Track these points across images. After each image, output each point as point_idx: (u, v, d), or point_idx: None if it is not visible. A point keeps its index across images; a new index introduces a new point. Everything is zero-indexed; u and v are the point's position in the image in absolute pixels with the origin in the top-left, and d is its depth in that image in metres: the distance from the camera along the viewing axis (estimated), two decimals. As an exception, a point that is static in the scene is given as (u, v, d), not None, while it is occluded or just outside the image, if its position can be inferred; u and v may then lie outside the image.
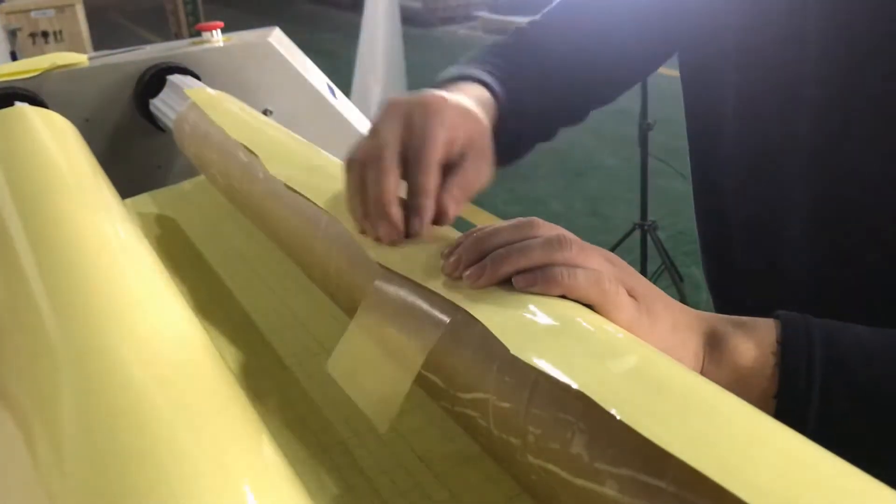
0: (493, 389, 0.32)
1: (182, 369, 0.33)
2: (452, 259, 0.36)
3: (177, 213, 0.72)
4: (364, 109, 1.05)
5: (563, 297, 0.33)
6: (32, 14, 4.02)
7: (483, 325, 0.32)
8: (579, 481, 0.27)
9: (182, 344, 0.35)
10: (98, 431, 0.28)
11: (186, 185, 0.79)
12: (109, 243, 0.46)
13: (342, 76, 3.30)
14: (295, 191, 0.51)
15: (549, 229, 0.36)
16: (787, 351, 0.33)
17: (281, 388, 0.45)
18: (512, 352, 0.29)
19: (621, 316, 0.33)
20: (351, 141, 1.02)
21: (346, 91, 1.04)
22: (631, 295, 0.34)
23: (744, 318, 0.36)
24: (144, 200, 0.75)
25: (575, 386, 0.27)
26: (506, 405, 0.31)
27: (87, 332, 0.34)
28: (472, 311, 0.33)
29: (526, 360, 0.29)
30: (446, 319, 0.34)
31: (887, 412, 0.33)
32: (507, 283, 0.34)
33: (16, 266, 0.43)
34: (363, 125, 1.01)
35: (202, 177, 0.78)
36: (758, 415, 0.26)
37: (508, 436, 0.31)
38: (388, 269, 0.39)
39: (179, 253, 0.64)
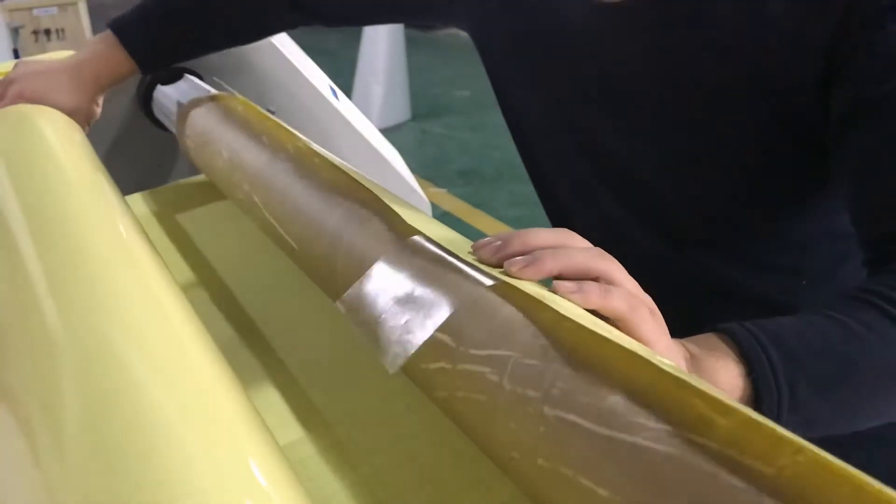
0: (521, 348, 0.32)
1: (183, 367, 0.33)
2: (494, 245, 0.37)
3: (176, 212, 0.72)
4: (365, 111, 1.06)
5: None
6: (35, 11, 4.03)
7: (523, 293, 0.33)
8: (604, 430, 0.28)
9: (183, 342, 0.36)
10: (99, 428, 0.28)
11: (186, 183, 0.80)
12: (112, 240, 0.46)
13: (344, 77, 3.31)
14: (327, 162, 0.52)
15: (585, 241, 0.38)
16: (752, 360, 0.37)
17: (278, 387, 0.45)
18: (561, 312, 0.31)
19: (646, 329, 0.35)
20: (352, 143, 1.02)
21: (348, 92, 1.04)
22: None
23: (696, 339, 0.39)
24: (145, 198, 0.76)
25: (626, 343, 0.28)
26: (532, 362, 0.31)
27: (89, 329, 0.35)
28: (514, 284, 0.34)
29: (569, 321, 0.30)
30: (488, 282, 0.35)
31: (835, 385, 0.39)
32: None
33: (19, 263, 0.43)
34: (365, 127, 1.01)
35: (202, 176, 0.78)
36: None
37: (525, 389, 0.31)
38: (422, 234, 0.40)
39: (178, 251, 0.64)
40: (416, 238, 0.40)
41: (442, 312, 0.35)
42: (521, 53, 0.63)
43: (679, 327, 0.39)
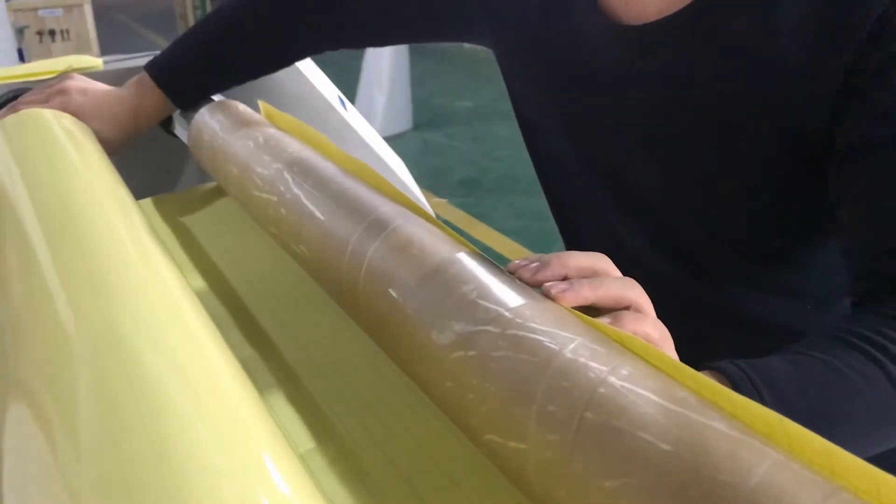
0: (589, 337, 0.34)
1: (200, 368, 0.33)
2: (532, 266, 0.39)
3: (185, 218, 0.73)
4: (368, 119, 1.07)
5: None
6: (40, 12, 4.04)
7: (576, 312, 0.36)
8: (675, 407, 0.29)
9: (200, 343, 0.36)
10: (114, 425, 0.28)
11: (197, 189, 0.80)
12: (127, 242, 0.47)
13: (347, 85, 3.32)
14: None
15: (617, 269, 0.40)
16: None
17: (289, 397, 0.45)
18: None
19: (672, 353, 0.38)
20: (359, 152, 1.02)
21: (351, 100, 1.05)
22: None
23: None
24: (155, 203, 0.76)
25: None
26: (600, 349, 0.33)
27: (105, 328, 0.35)
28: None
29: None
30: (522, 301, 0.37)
31: (822, 425, 0.39)
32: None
33: (35, 264, 0.43)
34: (371, 137, 1.01)
35: (213, 182, 0.79)
36: None
37: (589, 361, 0.32)
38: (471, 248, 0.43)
39: (188, 257, 0.65)
40: (473, 253, 0.42)
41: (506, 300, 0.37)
42: (542, 79, 0.65)
43: (680, 348, 0.40)
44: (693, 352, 0.42)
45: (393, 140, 3.65)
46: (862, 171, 0.47)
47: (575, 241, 0.75)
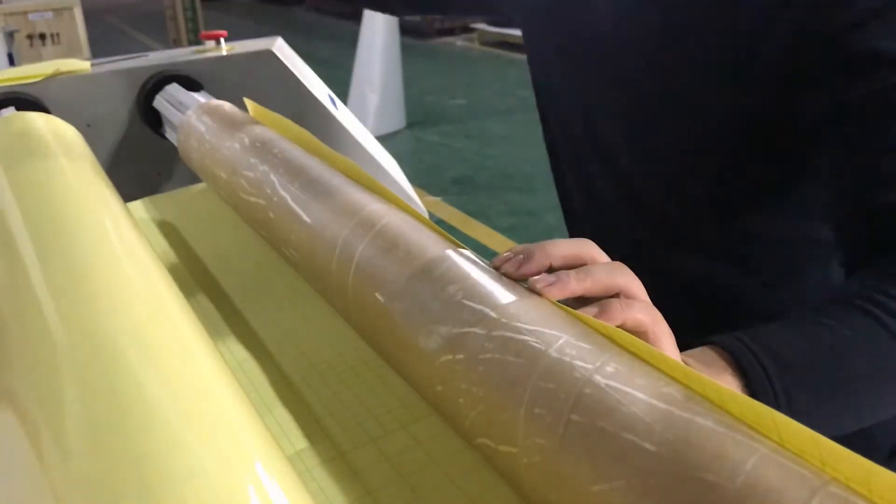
0: (575, 333, 0.33)
1: (188, 371, 0.33)
2: (517, 260, 0.38)
3: (176, 219, 0.73)
4: (361, 119, 1.07)
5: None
6: (30, 16, 4.03)
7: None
8: (661, 404, 0.29)
9: (188, 346, 0.36)
10: (102, 430, 0.28)
11: (186, 191, 0.80)
12: (114, 246, 0.47)
13: (339, 85, 3.32)
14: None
15: (603, 254, 0.39)
16: (748, 373, 0.38)
17: (281, 398, 0.45)
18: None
19: (666, 341, 0.36)
20: (350, 152, 1.02)
21: (343, 100, 1.05)
22: None
23: (692, 353, 0.40)
24: (145, 205, 0.76)
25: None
26: (586, 346, 0.32)
27: (92, 333, 0.35)
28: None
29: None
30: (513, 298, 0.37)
31: (830, 391, 0.40)
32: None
33: (21, 268, 0.43)
34: (363, 136, 1.01)
35: (203, 184, 0.78)
36: None
37: (574, 360, 0.32)
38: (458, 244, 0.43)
39: (178, 258, 0.64)
40: (459, 250, 0.42)
41: (491, 298, 0.37)
42: (561, 57, 0.68)
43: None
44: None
45: (386, 139, 3.65)
46: (843, 139, 0.48)
47: (575, 225, 0.79)
